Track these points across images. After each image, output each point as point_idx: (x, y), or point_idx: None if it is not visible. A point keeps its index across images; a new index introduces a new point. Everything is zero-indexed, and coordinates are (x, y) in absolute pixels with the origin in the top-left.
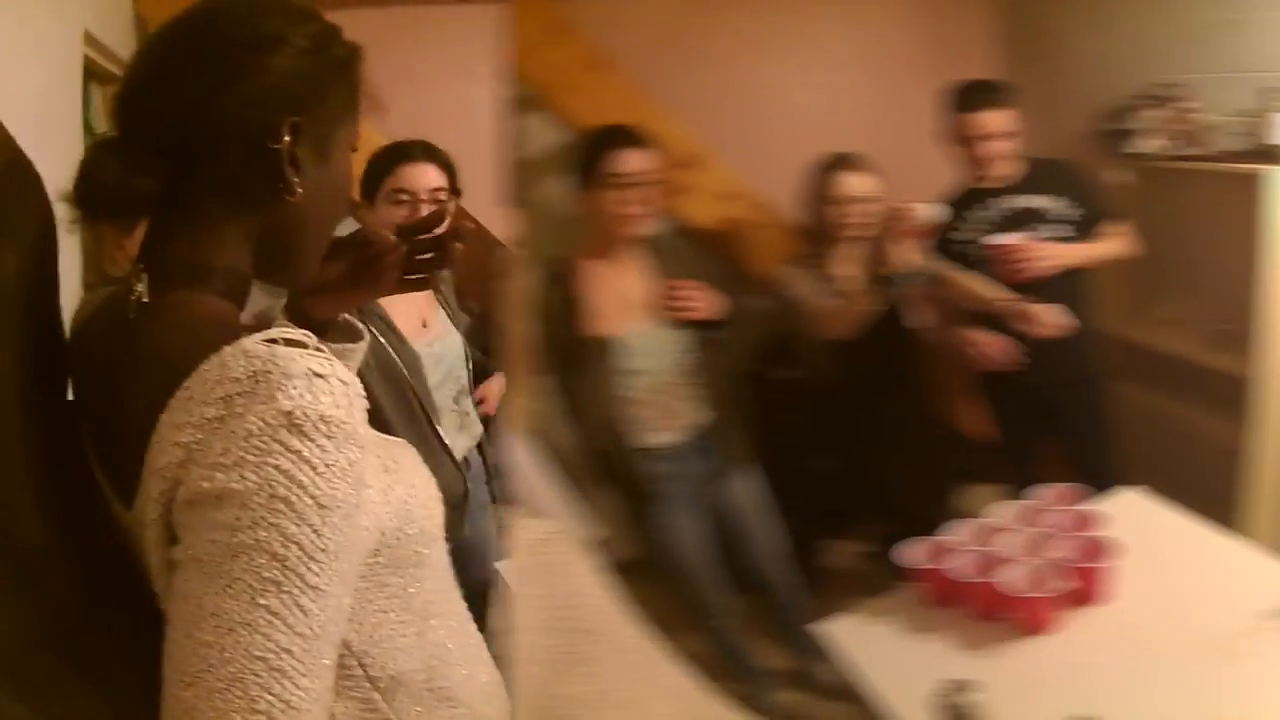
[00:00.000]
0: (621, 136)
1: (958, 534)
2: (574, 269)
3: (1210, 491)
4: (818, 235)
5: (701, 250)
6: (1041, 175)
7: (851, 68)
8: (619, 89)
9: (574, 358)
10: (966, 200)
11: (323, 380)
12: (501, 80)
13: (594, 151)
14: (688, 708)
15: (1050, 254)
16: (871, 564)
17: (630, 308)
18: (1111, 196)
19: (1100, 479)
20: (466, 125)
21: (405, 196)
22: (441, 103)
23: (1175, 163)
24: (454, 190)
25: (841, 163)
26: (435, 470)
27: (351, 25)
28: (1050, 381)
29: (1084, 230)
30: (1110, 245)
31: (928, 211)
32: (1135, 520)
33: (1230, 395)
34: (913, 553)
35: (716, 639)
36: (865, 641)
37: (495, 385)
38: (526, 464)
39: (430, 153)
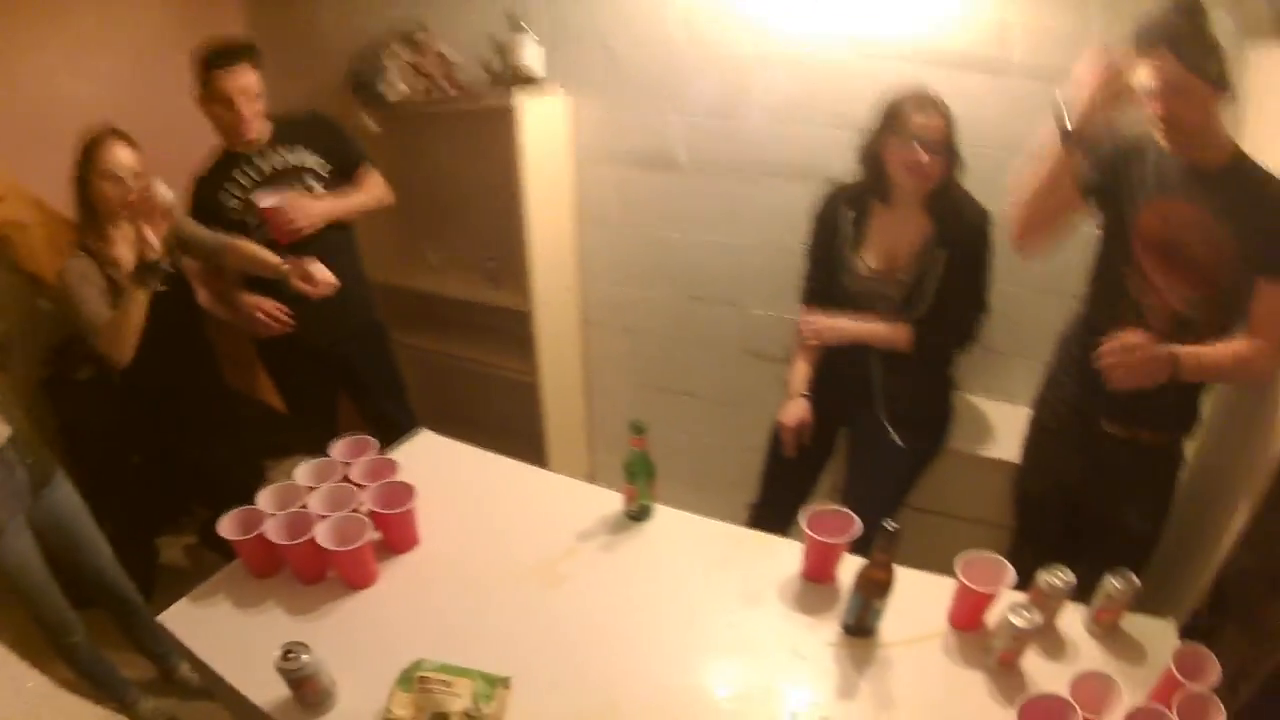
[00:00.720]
0: None
1: (266, 501)
2: None
3: (509, 424)
4: (91, 218)
5: None
6: (296, 130)
7: (113, 49)
8: None
9: None
10: (229, 164)
11: None
12: None
13: None
14: (52, 711)
15: (312, 209)
16: (201, 550)
17: None
18: (365, 145)
19: (396, 426)
20: None
21: None
22: None
23: (427, 105)
24: None
25: (106, 138)
26: None
27: None
28: (335, 337)
29: (341, 181)
30: (369, 195)
31: (164, 191)
32: (436, 461)
33: (511, 329)
34: (228, 527)
35: (74, 656)
36: (199, 626)
37: None
38: None
39: None
